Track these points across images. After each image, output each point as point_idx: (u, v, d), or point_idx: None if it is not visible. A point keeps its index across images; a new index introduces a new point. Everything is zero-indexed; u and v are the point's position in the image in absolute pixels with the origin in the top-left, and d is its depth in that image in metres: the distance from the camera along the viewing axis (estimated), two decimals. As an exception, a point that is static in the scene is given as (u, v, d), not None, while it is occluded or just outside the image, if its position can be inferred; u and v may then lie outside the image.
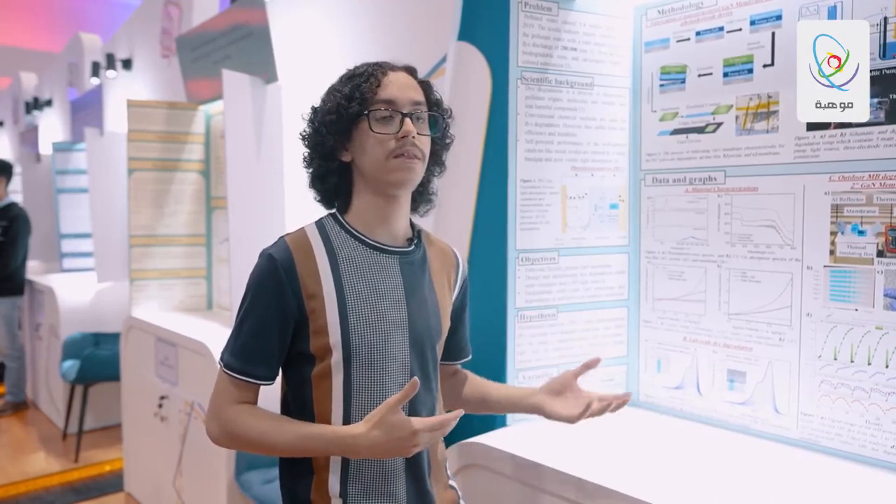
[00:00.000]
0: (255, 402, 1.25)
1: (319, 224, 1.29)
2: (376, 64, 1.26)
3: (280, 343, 1.23)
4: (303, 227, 1.28)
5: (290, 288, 1.21)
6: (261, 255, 1.24)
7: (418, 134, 1.22)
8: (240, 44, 3.16)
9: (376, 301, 1.23)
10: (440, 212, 1.87)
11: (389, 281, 1.25)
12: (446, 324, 1.35)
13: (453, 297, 1.39)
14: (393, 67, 1.26)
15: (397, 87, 1.23)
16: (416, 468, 1.28)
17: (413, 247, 1.31)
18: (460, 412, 1.18)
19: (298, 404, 1.26)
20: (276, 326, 1.22)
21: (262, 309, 1.22)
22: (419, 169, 1.24)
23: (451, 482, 1.40)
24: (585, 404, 1.34)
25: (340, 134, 1.24)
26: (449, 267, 1.38)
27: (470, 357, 1.50)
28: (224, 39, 3.28)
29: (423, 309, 1.28)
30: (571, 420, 1.36)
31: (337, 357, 1.21)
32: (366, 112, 1.21)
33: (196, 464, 2.97)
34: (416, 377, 1.17)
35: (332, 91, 1.26)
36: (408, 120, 1.21)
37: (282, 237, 1.26)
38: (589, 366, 1.41)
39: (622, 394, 1.37)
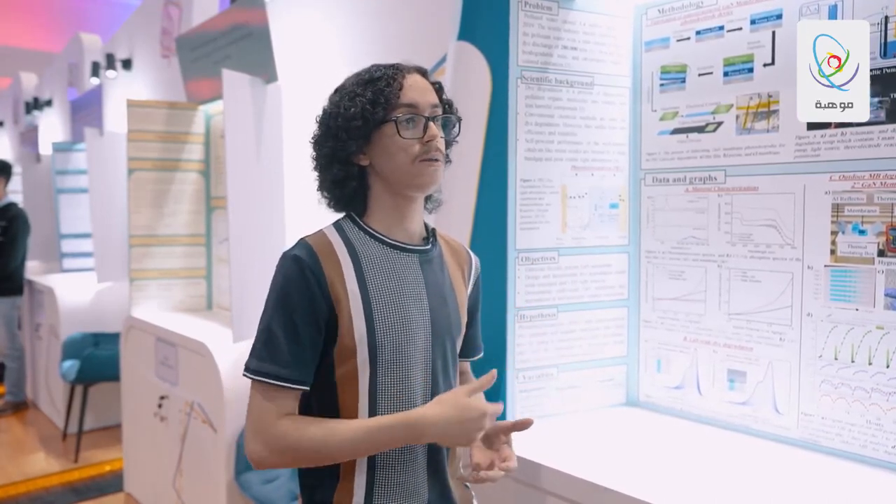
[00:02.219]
0: (296, 412, 1.21)
1: (338, 226, 1.29)
2: (393, 66, 1.25)
3: (313, 345, 1.19)
4: (321, 230, 1.28)
5: (319, 288, 1.18)
6: (283, 258, 1.21)
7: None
8: (240, 44, 3.15)
9: (400, 299, 1.24)
10: (440, 211, 1.86)
11: (412, 279, 1.26)
12: (465, 320, 1.36)
13: (467, 295, 1.39)
14: (409, 70, 1.26)
15: (418, 91, 1.23)
16: (437, 469, 1.28)
17: (430, 245, 1.32)
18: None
19: (323, 407, 1.23)
20: (309, 328, 1.18)
21: (293, 311, 1.18)
22: (442, 171, 1.26)
23: (467, 483, 1.39)
24: (490, 460, 1.30)
25: (362, 139, 1.23)
26: (462, 264, 1.39)
27: (481, 355, 1.50)
28: (224, 39, 3.28)
29: (444, 305, 1.29)
30: (476, 469, 1.30)
31: (363, 356, 1.20)
32: (393, 118, 1.21)
33: (196, 464, 2.97)
34: (494, 370, 1.20)
35: (353, 95, 1.23)
36: (432, 124, 1.22)
37: (302, 239, 1.24)
38: (521, 426, 1.33)
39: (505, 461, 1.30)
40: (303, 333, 1.18)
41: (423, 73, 1.29)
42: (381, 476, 1.22)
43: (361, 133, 1.22)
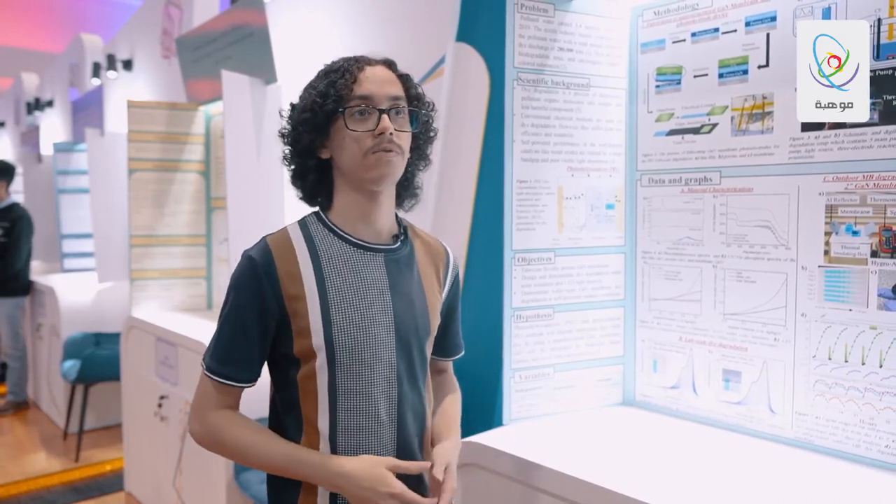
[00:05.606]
0: (237, 406, 1.25)
1: (302, 223, 1.28)
2: (353, 59, 1.24)
3: (261, 346, 1.21)
4: (285, 227, 1.27)
5: (271, 289, 1.19)
6: (242, 256, 1.22)
7: (397, 130, 1.20)
8: (240, 44, 3.17)
9: (360, 300, 1.22)
10: (437, 212, 1.88)
11: (374, 279, 1.24)
12: (435, 321, 1.33)
13: (443, 293, 1.36)
14: (370, 62, 1.24)
15: (374, 83, 1.21)
16: (406, 480, 1.24)
17: (399, 243, 1.29)
18: None
19: (286, 405, 1.24)
20: (257, 329, 1.20)
21: (242, 311, 1.19)
22: (398, 163, 1.22)
23: None
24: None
25: (317, 131, 1.22)
26: (438, 262, 1.36)
27: (462, 353, 1.49)
28: (224, 40, 3.29)
29: (410, 307, 1.26)
30: None
31: (321, 359, 1.19)
32: (341, 109, 1.20)
33: (196, 463, 2.98)
34: (428, 462, 1.22)
35: (308, 88, 1.24)
36: (384, 116, 1.19)
37: (263, 237, 1.25)
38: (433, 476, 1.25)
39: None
40: (250, 335, 1.19)
41: (388, 64, 1.26)
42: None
43: (312, 125, 1.21)
